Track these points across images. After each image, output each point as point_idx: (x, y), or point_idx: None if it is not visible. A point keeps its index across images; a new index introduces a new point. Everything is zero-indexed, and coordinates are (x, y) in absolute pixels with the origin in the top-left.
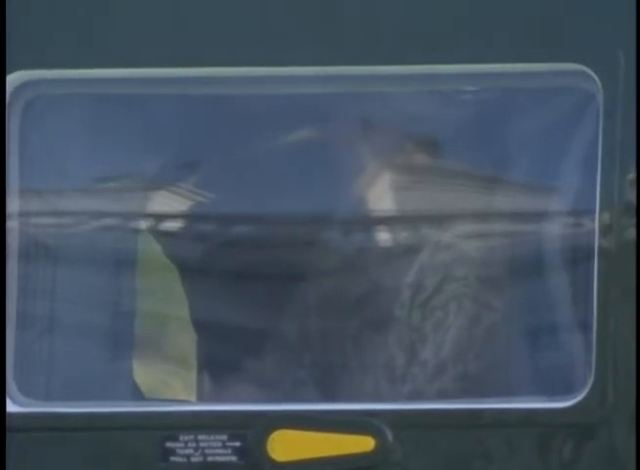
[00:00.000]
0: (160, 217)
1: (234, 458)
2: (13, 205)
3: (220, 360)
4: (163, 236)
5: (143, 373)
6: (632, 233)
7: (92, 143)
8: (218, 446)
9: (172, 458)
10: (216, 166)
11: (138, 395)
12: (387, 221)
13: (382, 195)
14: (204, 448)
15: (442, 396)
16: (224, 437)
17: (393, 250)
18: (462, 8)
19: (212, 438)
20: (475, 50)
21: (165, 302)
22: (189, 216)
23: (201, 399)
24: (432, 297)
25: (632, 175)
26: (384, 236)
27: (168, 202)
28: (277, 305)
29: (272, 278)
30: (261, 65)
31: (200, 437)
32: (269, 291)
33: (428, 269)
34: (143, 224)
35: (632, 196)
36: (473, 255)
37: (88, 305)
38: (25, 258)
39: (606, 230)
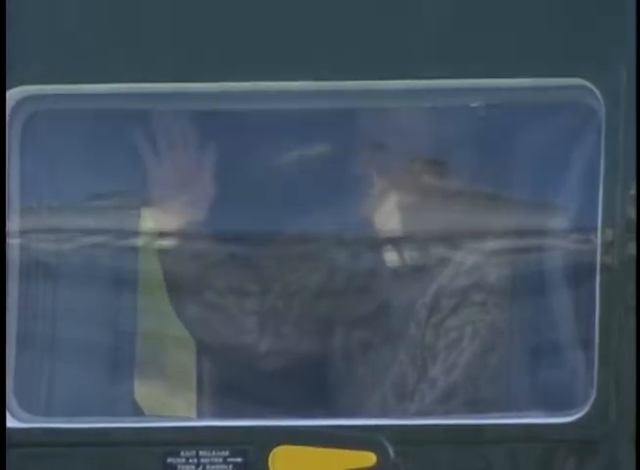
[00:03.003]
0: (162, 235)
1: None
2: (13, 222)
3: (221, 377)
4: (165, 254)
5: (143, 392)
6: (634, 250)
7: (94, 158)
8: (220, 462)
9: None
10: (219, 183)
11: (138, 412)
12: (395, 241)
13: (390, 214)
14: (205, 464)
15: (446, 412)
16: (226, 453)
17: (401, 269)
18: (465, 23)
19: (214, 453)
20: (477, 65)
21: (165, 320)
22: (193, 234)
23: (201, 417)
24: (446, 318)
25: (634, 191)
26: (393, 255)
27: (170, 219)
28: (282, 323)
29: (276, 296)
30: (264, 80)
31: (201, 452)
32: (273, 308)
33: (439, 290)
34: (144, 242)
35: (634, 212)
36: (476, 272)
37: (88, 323)
38: (26, 275)
39: (608, 247)
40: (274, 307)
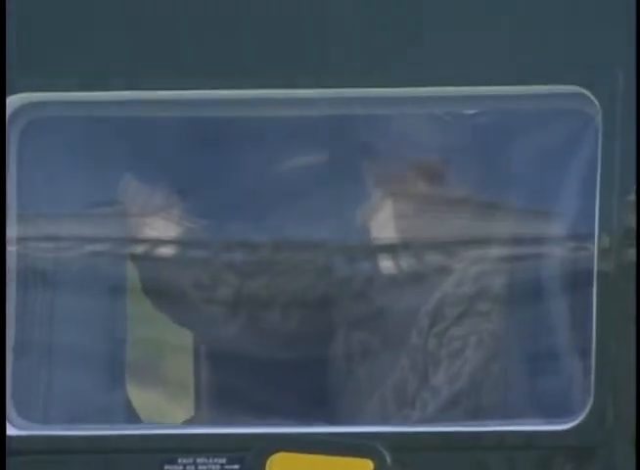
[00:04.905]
0: (160, 243)
1: None
2: (11, 229)
3: (219, 384)
4: (165, 262)
5: (141, 399)
6: (631, 256)
7: (92, 166)
8: (217, 469)
9: None
10: (216, 192)
11: (136, 419)
12: (394, 248)
13: (387, 222)
14: None
15: (445, 420)
16: (223, 460)
17: (400, 277)
18: (461, 30)
19: (211, 461)
20: (474, 72)
21: (163, 328)
22: (190, 242)
23: (198, 424)
24: (449, 327)
25: (632, 198)
26: (389, 263)
27: (168, 227)
28: (281, 330)
29: (275, 304)
30: (261, 87)
31: (198, 460)
32: (272, 316)
33: (441, 299)
34: (142, 250)
35: (631, 219)
36: (475, 281)
37: (86, 331)
38: (25, 282)
39: (605, 253)
40: (273, 315)
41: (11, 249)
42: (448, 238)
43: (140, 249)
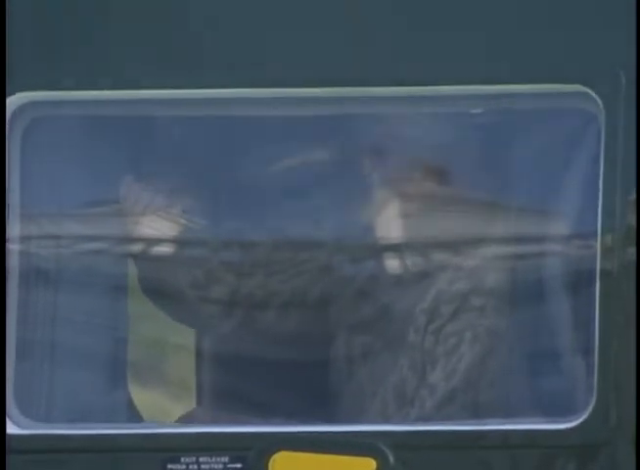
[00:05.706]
0: (161, 242)
1: None
2: (13, 228)
3: (221, 383)
4: (165, 261)
5: (141, 397)
6: (634, 255)
7: (93, 165)
8: (220, 468)
9: None
10: (218, 190)
11: (139, 418)
12: (396, 247)
13: (391, 221)
14: None
15: (446, 418)
16: (225, 458)
17: (401, 275)
18: (464, 29)
19: (214, 459)
20: (477, 71)
21: (165, 327)
22: (191, 241)
23: (200, 422)
24: (445, 324)
25: (634, 197)
26: (393, 261)
27: (169, 226)
28: (281, 329)
29: (275, 302)
30: (261, 86)
31: (201, 458)
32: (271, 314)
33: (438, 296)
34: (142, 249)
35: (634, 218)
36: (475, 278)
37: (88, 330)
38: (26, 281)
39: (607, 252)
40: (275, 315)
41: (13, 248)
42: (452, 237)
43: (141, 248)
